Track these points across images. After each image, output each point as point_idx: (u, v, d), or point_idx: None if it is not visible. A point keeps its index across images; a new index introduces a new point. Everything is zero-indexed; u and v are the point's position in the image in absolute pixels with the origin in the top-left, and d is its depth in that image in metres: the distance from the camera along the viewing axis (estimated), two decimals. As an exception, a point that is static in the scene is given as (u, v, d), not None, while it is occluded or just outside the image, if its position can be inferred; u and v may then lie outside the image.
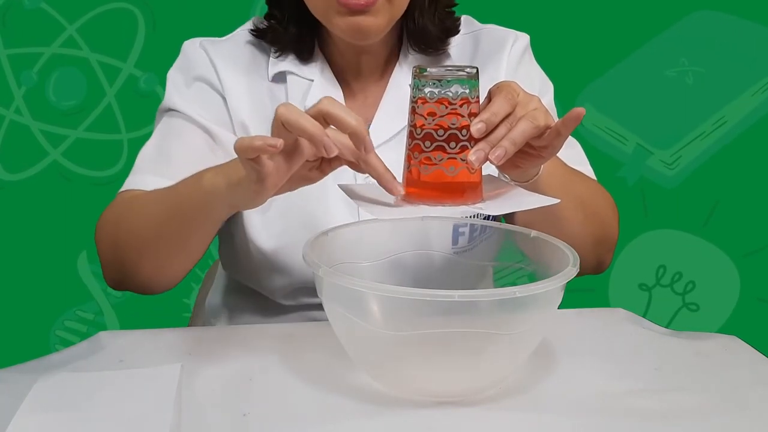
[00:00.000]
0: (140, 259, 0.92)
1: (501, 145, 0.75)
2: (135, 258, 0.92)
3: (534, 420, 0.73)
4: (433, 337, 0.70)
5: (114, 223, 0.95)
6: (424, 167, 0.77)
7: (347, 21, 0.93)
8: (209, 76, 1.02)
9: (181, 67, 1.04)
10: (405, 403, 0.74)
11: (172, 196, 0.88)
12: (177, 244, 0.90)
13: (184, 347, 0.86)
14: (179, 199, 0.86)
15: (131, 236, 0.92)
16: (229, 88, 1.02)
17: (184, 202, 0.85)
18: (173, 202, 0.87)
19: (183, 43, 1.06)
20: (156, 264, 0.92)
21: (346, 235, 0.85)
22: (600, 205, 1.01)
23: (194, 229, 0.87)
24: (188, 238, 0.89)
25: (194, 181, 0.83)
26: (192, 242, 0.90)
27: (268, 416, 0.72)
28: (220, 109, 1.02)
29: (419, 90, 0.76)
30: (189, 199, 0.84)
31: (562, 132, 0.78)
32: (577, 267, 0.74)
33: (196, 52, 1.04)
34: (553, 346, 0.86)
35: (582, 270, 0.91)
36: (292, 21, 1.01)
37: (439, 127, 0.76)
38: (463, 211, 0.78)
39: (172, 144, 1.00)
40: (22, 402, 0.70)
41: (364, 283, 0.69)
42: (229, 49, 1.04)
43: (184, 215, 0.86)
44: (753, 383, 0.80)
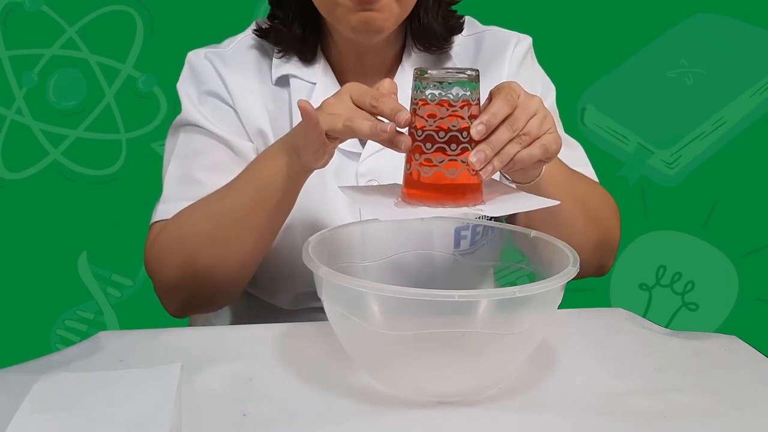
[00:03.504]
0: (223, 260, 0.93)
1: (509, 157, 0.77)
2: (216, 262, 0.92)
3: (534, 420, 0.73)
4: (433, 337, 0.70)
5: (178, 240, 0.95)
6: (424, 169, 0.77)
7: (356, 16, 0.93)
8: (219, 91, 1.02)
9: (191, 81, 1.04)
10: (405, 403, 0.74)
11: (243, 193, 0.91)
12: (266, 229, 0.92)
13: (184, 347, 0.86)
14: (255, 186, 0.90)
15: (211, 240, 0.92)
16: (239, 99, 1.02)
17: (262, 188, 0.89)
18: (249, 195, 0.90)
19: (187, 54, 1.06)
20: (241, 260, 0.94)
21: (346, 235, 0.86)
22: (602, 207, 1.01)
23: (282, 208, 0.91)
24: (277, 218, 0.92)
25: (263, 166, 0.89)
26: (279, 222, 0.93)
27: (268, 416, 0.72)
28: (235, 122, 1.02)
29: (420, 92, 0.77)
30: (268, 184, 0.89)
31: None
32: (577, 267, 0.74)
33: (201, 63, 1.04)
34: (553, 346, 0.86)
35: (584, 273, 0.91)
36: (297, 20, 1.01)
37: (440, 129, 0.76)
38: (464, 212, 0.78)
39: (196, 164, 1.00)
40: (22, 402, 0.70)
41: (364, 283, 0.69)
42: (233, 58, 1.04)
43: (270, 198, 0.89)
44: (753, 383, 0.80)
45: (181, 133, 1.03)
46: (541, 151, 0.78)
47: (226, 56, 1.04)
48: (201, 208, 0.94)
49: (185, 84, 1.04)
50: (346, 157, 1.02)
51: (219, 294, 0.97)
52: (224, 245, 0.92)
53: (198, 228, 0.94)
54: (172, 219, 0.96)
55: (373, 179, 1.01)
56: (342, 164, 1.02)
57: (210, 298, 0.98)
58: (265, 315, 1.08)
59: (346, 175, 1.02)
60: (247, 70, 1.04)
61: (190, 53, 1.06)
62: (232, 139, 1.01)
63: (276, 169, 0.87)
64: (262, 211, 0.90)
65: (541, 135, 0.78)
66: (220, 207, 0.92)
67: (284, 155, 0.87)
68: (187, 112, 1.03)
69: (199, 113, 1.02)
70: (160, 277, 0.97)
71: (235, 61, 1.04)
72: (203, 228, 0.93)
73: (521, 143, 0.77)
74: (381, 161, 1.01)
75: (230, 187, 0.92)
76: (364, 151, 1.02)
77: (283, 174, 0.87)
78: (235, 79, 1.02)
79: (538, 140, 0.78)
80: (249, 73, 1.04)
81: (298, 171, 0.87)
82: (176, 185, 1.00)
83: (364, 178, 1.02)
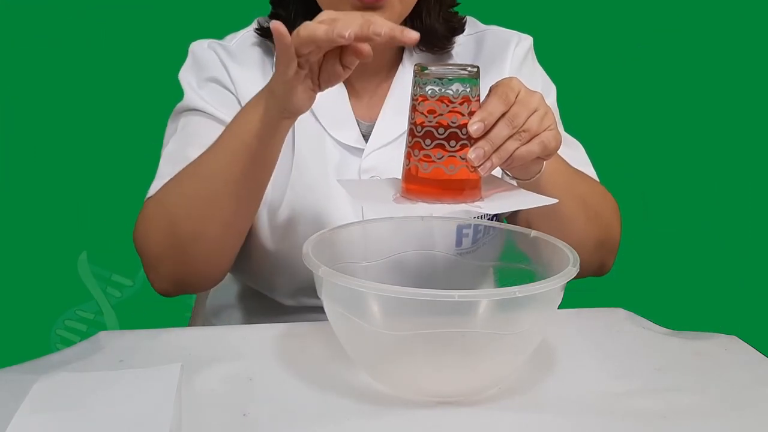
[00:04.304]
0: (205, 222, 0.90)
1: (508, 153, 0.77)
2: (198, 224, 0.90)
3: (534, 420, 0.73)
4: (433, 337, 0.70)
5: (162, 206, 0.93)
6: (423, 165, 0.77)
7: None
8: (221, 78, 1.02)
9: (193, 68, 1.04)
10: (405, 403, 0.74)
11: (222, 146, 0.88)
12: (246, 185, 0.89)
13: (184, 347, 0.86)
14: (233, 138, 0.87)
15: (192, 200, 0.90)
16: (242, 88, 1.02)
17: (240, 139, 0.86)
18: (228, 147, 0.88)
19: (190, 44, 1.06)
20: (224, 221, 0.91)
21: (346, 234, 0.85)
22: (602, 206, 1.01)
23: (261, 160, 0.88)
24: (256, 172, 0.89)
25: (241, 117, 0.87)
26: (260, 178, 0.90)
27: (268, 416, 0.72)
28: (236, 108, 1.01)
29: (420, 87, 0.77)
30: (246, 133, 0.86)
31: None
32: (578, 267, 0.74)
33: (205, 52, 1.04)
34: (553, 346, 0.86)
35: (584, 272, 0.91)
36: (299, 19, 1.01)
37: (440, 125, 0.76)
38: (462, 209, 0.78)
39: (193, 143, 0.99)
40: (22, 402, 0.70)
41: (364, 283, 0.69)
42: (236, 51, 1.04)
43: (248, 148, 0.86)
44: (753, 383, 0.80)
45: (181, 118, 1.03)
46: (540, 148, 0.78)
47: (230, 48, 1.05)
48: (183, 174, 0.93)
49: (187, 73, 1.04)
50: (349, 153, 1.02)
51: (206, 263, 0.95)
52: (205, 205, 0.90)
53: (178, 192, 0.92)
54: (158, 191, 0.95)
55: (375, 175, 1.01)
56: (344, 160, 1.02)
57: (197, 269, 0.95)
58: (265, 312, 1.08)
59: (349, 171, 1.02)
60: (251, 64, 1.04)
61: (193, 43, 1.06)
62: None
63: (253, 118, 0.85)
64: (240, 163, 0.87)
65: (541, 132, 0.78)
66: (200, 168, 0.91)
67: (261, 101, 0.84)
68: (188, 98, 1.03)
69: (199, 98, 1.02)
70: (146, 251, 0.95)
71: (239, 54, 1.04)
72: (183, 191, 0.91)
73: (520, 140, 0.77)
74: (384, 157, 1.01)
75: (211, 146, 0.90)
76: (367, 146, 1.02)
77: (260, 121, 0.84)
78: (238, 69, 1.03)
79: (537, 137, 0.78)
80: (252, 66, 1.04)
81: (275, 115, 0.84)
82: (170, 163, 0.99)
83: (367, 173, 1.02)
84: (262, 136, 0.85)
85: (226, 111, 1.00)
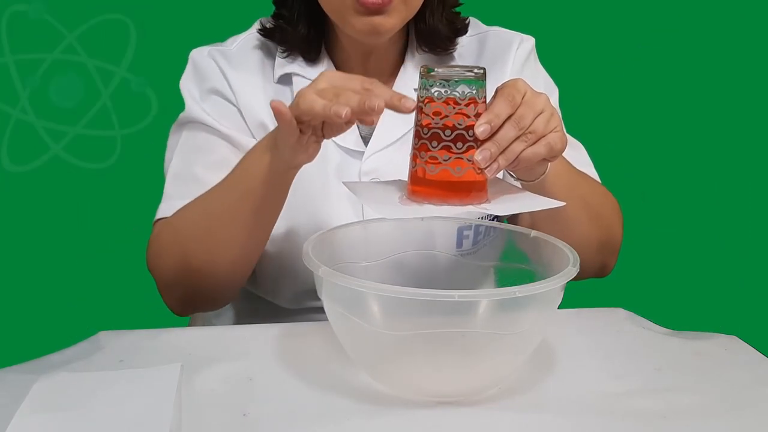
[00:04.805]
0: (217, 256, 0.92)
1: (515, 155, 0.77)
2: (210, 258, 0.92)
3: (534, 420, 0.73)
4: (433, 337, 0.70)
5: (174, 236, 0.95)
6: (430, 167, 0.77)
7: (363, 21, 0.93)
8: (222, 89, 1.02)
9: (194, 78, 1.04)
10: (405, 403, 0.74)
11: (231, 187, 0.90)
12: (256, 222, 0.91)
13: (184, 347, 0.86)
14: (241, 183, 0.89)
15: (204, 235, 0.92)
16: (243, 97, 1.02)
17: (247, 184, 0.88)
18: (237, 189, 0.90)
19: (190, 52, 1.06)
20: (235, 254, 0.93)
21: (347, 234, 0.85)
22: (605, 207, 1.01)
23: (270, 202, 0.90)
24: (265, 212, 0.91)
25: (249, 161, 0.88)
26: (270, 215, 0.92)
27: (268, 416, 0.72)
28: (237, 119, 1.02)
29: (426, 89, 0.77)
30: (253, 179, 0.87)
31: None
32: (577, 267, 0.74)
33: (205, 62, 1.04)
34: (553, 346, 0.86)
35: (586, 273, 0.91)
36: (302, 20, 1.01)
37: (446, 127, 0.76)
38: (468, 211, 0.78)
39: (197, 162, 1.00)
40: (22, 402, 0.70)
41: (364, 283, 0.69)
42: (237, 57, 1.04)
43: (256, 192, 0.88)
44: (753, 383, 0.80)
45: (184, 130, 1.03)
46: (547, 150, 0.78)
47: (229, 54, 1.04)
48: (195, 206, 0.94)
49: (188, 82, 1.04)
50: (349, 156, 1.02)
51: (216, 292, 0.97)
52: (216, 244, 0.92)
53: (191, 226, 0.94)
54: (171, 218, 0.97)
55: (376, 178, 1.01)
56: (344, 163, 1.02)
57: (208, 295, 0.98)
58: (266, 314, 1.08)
59: (349, 174, 1.02)
60: (251, 68, 1.04)
61: (193, 51, 1.06)
62: (234, 135, 1.01)
63: (260, 166, 0.86)
64: (249, 209, 0.89)
65: (547, 133, 0.78)
66: (211, 206, 0.92)
67: (267, 152, 0.86)
68: (190, 109, 1.03)
69: (201, 110, 1.02)
70: (159, 274, 0.97)
71: (238, 59, 1.04)
72: (196, 226, 0.93)
73: (527, 141, 0.77)
74: (384, 159, 1.01)
75: (221, 185, 0.92)
76: (367, 149, 1.02)
77: (266, 171, 0.86)
78: (238, 77, 1.02)
79: (543, 138, 0.78)
80: (252, 70, 1.04)
81: (281, 168, 0.86)
82: (177, 183, 1.00)
83: (367, 176, 1.02)
84: (270, 183, 0.87)
85: (229, 124, 1.01)
